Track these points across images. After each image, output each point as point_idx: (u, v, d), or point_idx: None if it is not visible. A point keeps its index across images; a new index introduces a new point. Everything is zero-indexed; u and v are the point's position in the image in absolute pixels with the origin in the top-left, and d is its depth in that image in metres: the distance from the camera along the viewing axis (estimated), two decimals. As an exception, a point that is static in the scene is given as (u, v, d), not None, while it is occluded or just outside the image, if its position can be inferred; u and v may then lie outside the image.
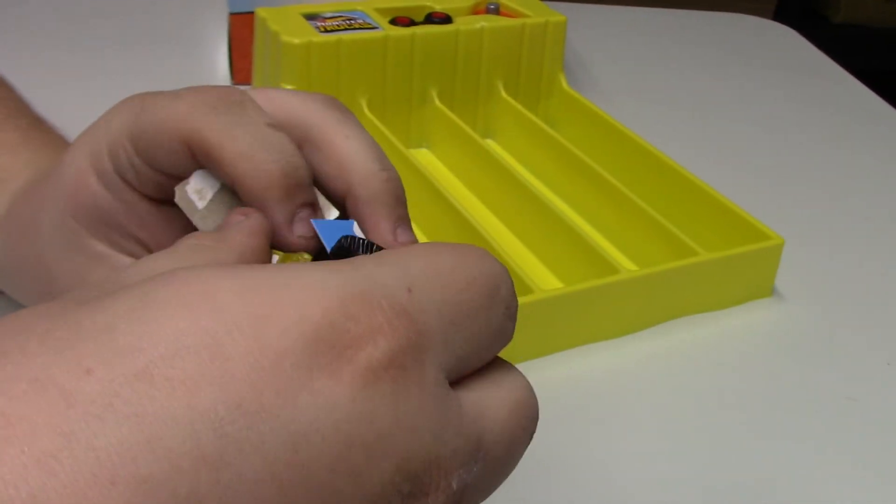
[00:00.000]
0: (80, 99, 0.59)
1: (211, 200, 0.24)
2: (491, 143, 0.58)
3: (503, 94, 0.57)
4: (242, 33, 0.61)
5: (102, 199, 0.26)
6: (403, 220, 0.25)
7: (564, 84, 0.59)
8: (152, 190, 0.26)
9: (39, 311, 0.16)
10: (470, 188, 0.53)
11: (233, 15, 0.61)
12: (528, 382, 0.21)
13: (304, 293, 0.17)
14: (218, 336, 0.16)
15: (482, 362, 0.20)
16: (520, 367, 0.41)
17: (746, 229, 0.45)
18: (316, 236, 0.24)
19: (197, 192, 0.24)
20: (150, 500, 0.14)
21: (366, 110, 0.53)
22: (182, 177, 0.25)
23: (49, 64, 0.64)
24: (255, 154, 0.23)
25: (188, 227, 0.25)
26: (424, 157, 0.56)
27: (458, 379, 0.19)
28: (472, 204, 0.51)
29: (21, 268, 0.31)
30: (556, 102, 0.59)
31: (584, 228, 0.45)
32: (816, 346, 0.43)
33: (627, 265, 0.43)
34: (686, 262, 0.42)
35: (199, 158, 0.24)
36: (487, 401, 0.19)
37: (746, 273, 0.44)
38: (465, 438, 0.18)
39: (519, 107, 0.56)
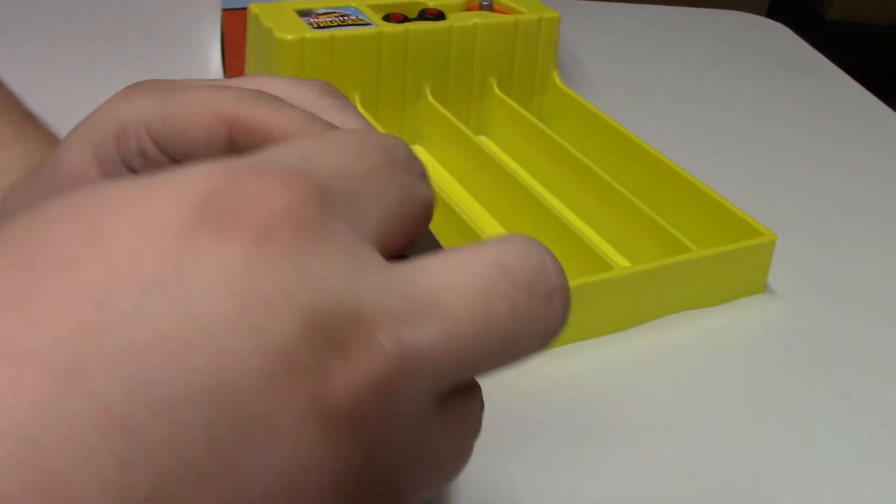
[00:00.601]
0: (72, 96, 0.59)
1: None
2: (484, 140, 0.58)
3: (496, 90, 0.57)
4: (235, 29, 0.61)
5: None
6: None
7: (558, 81, 0.59)
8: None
9: None
10: (463, 184, 0.53)
11: (226, 11, 0.61)
12: (513, 243, 0.19)
13: (188, 173, 0.16)
14: (97, 219, 0.15)
15: (411, 225, 0.19)
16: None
17: (739, 226, 0.45)
18: None
19: None
20: (28, 371, 0.14)
21: (359, 107, 0.53)
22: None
23: (40, 61, 0.64)
24: (308, 125, 0.23)
25: None
26: (418, 154, 0.56)
27: (386, 240, 0.18)
28: (465, 200, 0.51)
29: None
30: (550, 99, 0.59)
31: (577, 225, 0.45)
32: (808, 343, 0.43)
33: (620, 262, 0.43)
34: (679, 259, 0.42)
35: (239, 137, 0.23)
36: (435, 266, 0.18)
37: (739, 270, 0.44)
38: (397, 296, 0.16)
39: (512, 103, 0.56)
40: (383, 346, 0.16)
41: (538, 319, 0.18)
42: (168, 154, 0.24)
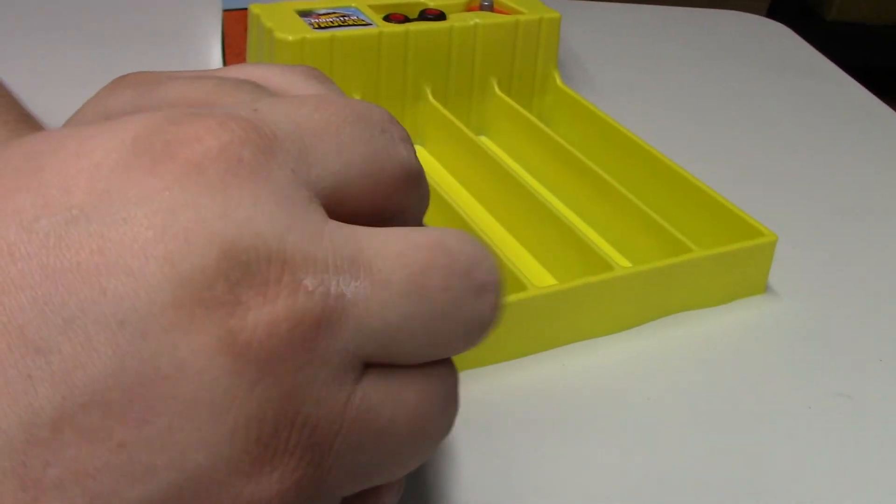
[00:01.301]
0: (72, 97, 0.59)
1: None
2: (485, 140, 0.58)
3: (497, 90, 0.57)
4: (236, 30, 0.61)
5: None
6: None
7: (559, 81, 0.59)
8: None
9: None
10: (464, 185, 0.53)
11: (226, 11, 0.61)
12: (456, 232, 0.19)
13: (132, 117, 0.17)
14: (40, 157, 0.16)
15: (380, 185, 0.19)
16: (513, 363, 0.41)
17: (740, 226, 0.45)
18: None
19: None
20: None
21: (359, 107, 0.53)
22: None
23: (40, 61, 0.64)
24: None
25: None
26: (418, 154, 0.56)
27: (346, 202, 0.18)
28: (465, 200, 0.51)
29: None
30: (551, 99, 0.59)
31: (577, 225, 0.45)
32: (809, 343, 0.43)
33: (621, 262, 0.43)
34: (680, 259, 0.42)
35: None
36: (377, 232, 0.18)
37: (740, 270, 0.44)
38: (330, 248, 0.16)
39: (513, 103, 0.56)
40: (307, 288, 0.16)
41: (470, 307, 0.18)
42: None
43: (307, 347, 0.16)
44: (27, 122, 0.38)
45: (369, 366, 0.17)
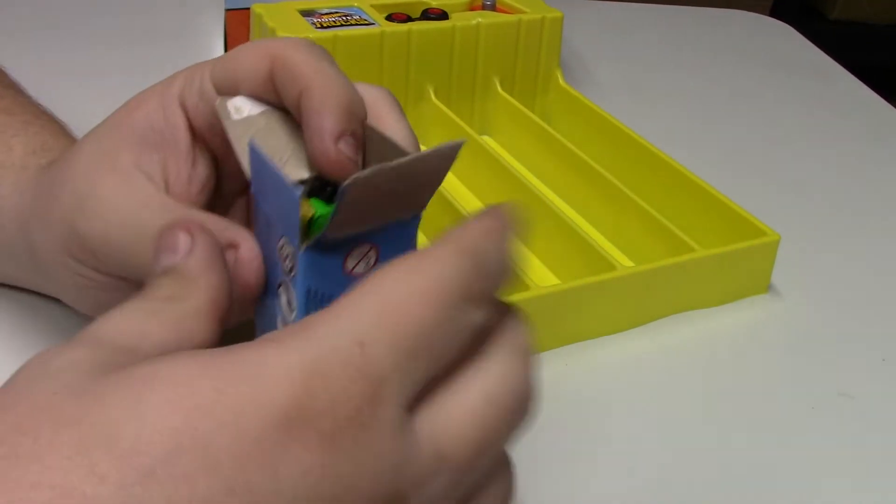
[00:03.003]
0: (74, 96, 0.59)
1: (245, 118, 0.28)
2: (487, 140, 0.58)
3: (500, 90, 0.57)
4: (239, 30, 0.61)
5: (155, 118, 0.30)
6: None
7: (561, 80, 0.59)
8: (201, 123, 0.30)
9: (38, 402, 0.18)
10: (466, 184, 0.53)
11: (229, 11, 0.61)
12: (506, 369, 0.22)
13: (270, 382, 0.19)
14: (207, 433, 0.18)
15: (454, 359, 0.22)
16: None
17: (742, 226, 0.45)
18: (353, 161, 0.26)
19: (235, 108, 0.28)
20: None
21: (362, 107, 0.53)
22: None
23: (44, 62, 0.64)
24: (334, 76, 0.27)
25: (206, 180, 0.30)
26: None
27: (427, 389, 0.21)
28: (468, 200, 0.51)
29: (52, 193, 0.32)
30: (553, 99, 0.59)
31: (580, 225, 0.45)
32: (812, 343, 0.43)
33: (624, 261, 0.43)
34: (682, 259, 0.42)
35: (278, 73, 0.27)
36: (444, 413, 0.21)
37: (742, 269, 0.44)
38: (421, 464, 0.20)
39: (515, 103, 0.56)
40: None
41: (516, 432, 0.23)
42: (220, 92, 0.29)
43: None
44: (41, 119, 0.39)
45: None
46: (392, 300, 0.20)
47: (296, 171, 0.26)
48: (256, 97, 0.28)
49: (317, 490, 0.19)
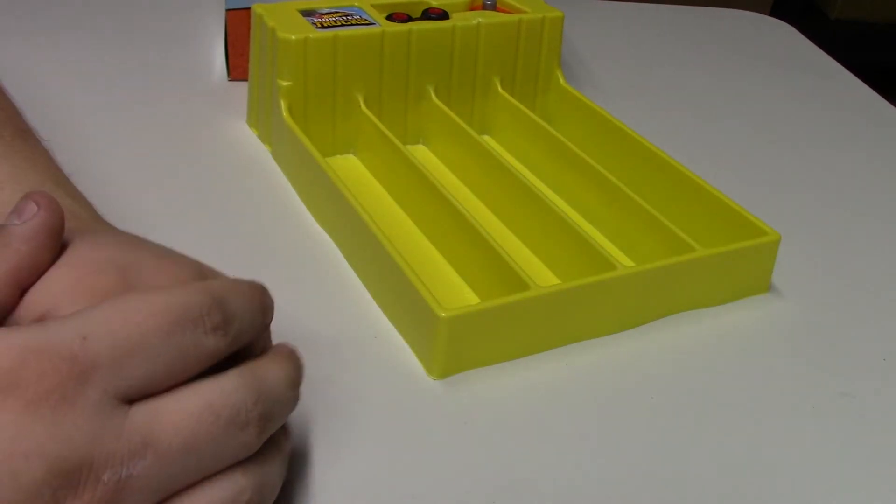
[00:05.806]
0: (75, 96, 0.59)
1: None
2: (488, 140, 0.58)
3: (500, 90, 0.57)
4: (239, 30, 0.61)
5: None
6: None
7: (561, 80, 0.59)
8: None
9: None
10: (467, 184, 0.53)
11: (229, 11, 0.61)
12: (236, 386, 0.26)
13: None
14: None
15: (182, 375, 0.25)
16: (516, 363, 0.41)
17: (743, 225, 0.45)
18: None
19: None
20: None
21: (362, 106, 0.53)
22: None
23: (43, 61, 0.64)
24: None
25: None
26: (421, 154, 0.56)
27: (150, 392, 0.24)
28: (468, 200, 0.51)
29: None
30: (553, 98, 0.59)
31: (580, 224, 0.45)
32: (813, 342, 0.43)
33: (624, 261, 0.43)
34: (683, 259, 0.42)
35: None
36: (162, 409, 0.24)
37: (743, 269, 0.44)
38: (123, 443, 0.23)
39: (516, 103, 0.56)
40: (104, 481, 0.23)
41: (235, 443, 0.26)
42: None
43: None
44: (24, 139, 0.38)
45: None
46: (122, 310, 0.24)
47: None
48: None
49: (12, 445, 0.22)
